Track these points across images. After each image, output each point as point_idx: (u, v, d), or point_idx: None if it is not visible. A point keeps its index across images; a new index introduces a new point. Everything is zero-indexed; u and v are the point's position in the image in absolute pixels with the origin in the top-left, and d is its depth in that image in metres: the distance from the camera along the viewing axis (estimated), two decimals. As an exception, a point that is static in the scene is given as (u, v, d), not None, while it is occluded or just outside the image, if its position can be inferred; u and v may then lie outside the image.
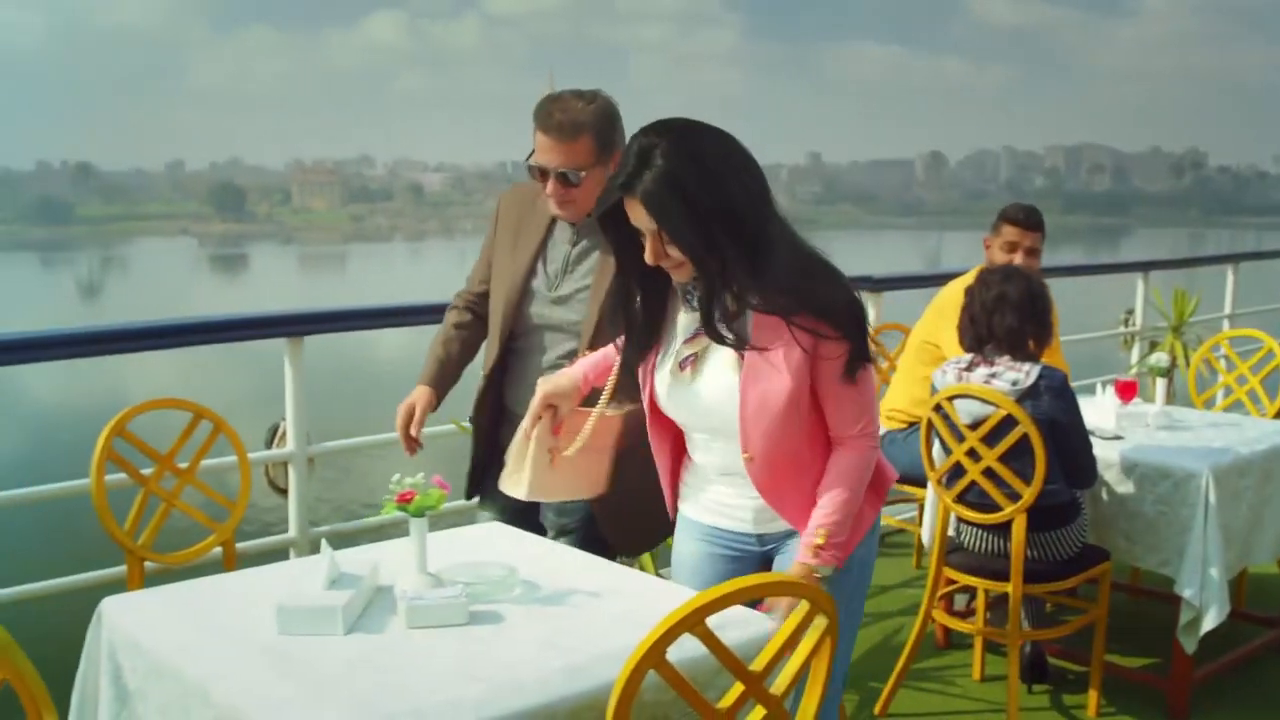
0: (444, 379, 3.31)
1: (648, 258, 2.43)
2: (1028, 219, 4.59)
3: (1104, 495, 3.99)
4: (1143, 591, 4.91)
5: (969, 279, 4.10)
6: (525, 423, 2.69)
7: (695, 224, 2.34)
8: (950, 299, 4.52)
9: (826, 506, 2.48)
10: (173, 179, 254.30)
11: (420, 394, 3.24)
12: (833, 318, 2.42)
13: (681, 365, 2.55)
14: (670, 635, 1.73)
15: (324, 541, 2.39)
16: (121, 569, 3.31)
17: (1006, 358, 3.67)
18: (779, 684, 1.88)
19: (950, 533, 3.95)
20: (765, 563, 2.68)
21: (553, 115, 3.00)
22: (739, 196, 2.37)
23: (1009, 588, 3.70)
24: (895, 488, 4.84)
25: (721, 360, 2.50)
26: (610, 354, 2.77)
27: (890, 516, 5.45)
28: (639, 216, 2.39)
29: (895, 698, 3.98)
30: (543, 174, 3.05)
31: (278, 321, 4.19)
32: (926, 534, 4.15)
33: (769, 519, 2.59)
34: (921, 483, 4.40)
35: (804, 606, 1.86)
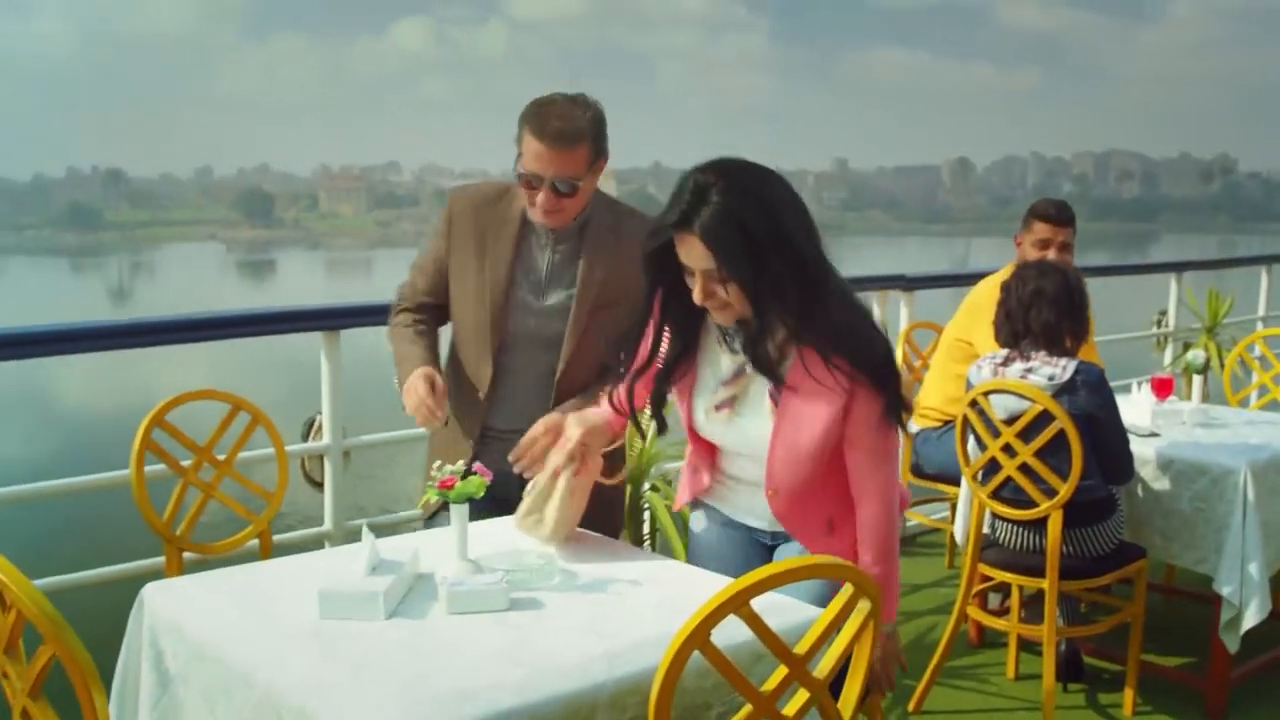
0: (435, 364, 3.09)
1: (696, 298, 2.41)
2: (1059, 214, 4.57)
3: (1140, 492, 3.97)
4: (1177, 592, 4.88)
5: (1002, 275, 4.09)
6: (557, 461, 2.61)
7: (755, 259, 2.33)
8: (983, 296, 4.50)
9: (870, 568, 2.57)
10: (201, 185, 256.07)
11: (425, 371, 2.96)
12: (873, 371, 2.45)
13: (718, 407, 2.60)
14: (715, 617, 1.73)
15: (365, 527, 2.40)
16: (159, 560, 3.33)
17: (1043, 353, 3.65)
18: (822, 668, 1.87)
19: (985, 530, 3.93)
20: (769, 551, 2.77)
21: (549, 122, 2.85)
22: (797, 234, 2.37)
23: (1044, 584, 3.67)
24: (928, 486, 4.86)
25: (758, 404, 2.56)
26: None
27: (923, 515, 5.42)
28: (693, 254, 2.37)
29: (930, 695, 3.96)
30: (532, 182, 2.91)
31: (314, 315, 4.21)
32: (960, 532, 4.13)
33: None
34: (955, 480, 4.39)
35: (848, 590, 1.85)
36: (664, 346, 2.62)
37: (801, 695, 1.85)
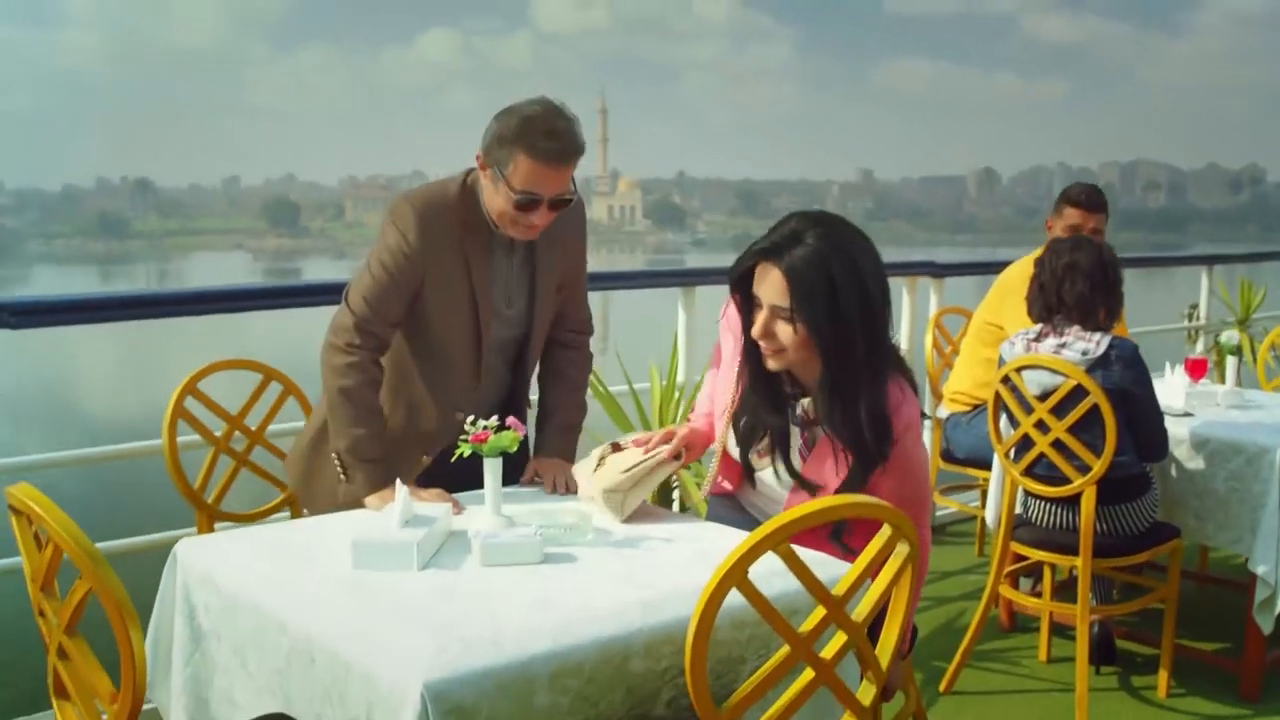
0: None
1: (754, 330, 2.46)
2: (1090, 200, 4.55)
3: (1173, 473, 3.93)
4: (1211, 579, 4.84)
5: (1034, 256, 4.06)
6: (664, 453, 2.66)
7: (832, 313, 2.37)
8: (1014, 278, 4.48)
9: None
10: (228, 195, 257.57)
11: (439, 492, 2.68)
12: (868, 457, 2.49)
13: (760, 453, 2.66)
14: (754, 553, 1.72)
15: (399, 481, 2.39)
16: (190, 530, 3.34)
17: (1076, 328, 3.62)
18: (859, 611, 1.86)
19: (1017, 510, 3.90)
20: None
21: (547, 142, 2.70)
22: (877, 299, 2.41)
23: (1077, 562, 3.64)
24: (958, 471, 4.84)
25: (794, 449, 2.61)
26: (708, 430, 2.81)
27: (954, 501, 5.39)
28: (770, 287, 2.41)
29: (961, 677, 3.93)
30: (529, 204, 2.74)
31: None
32: (991, 515, 4.09)
33: None
34: (986, 465, 4.36)
35: (886, 532, 1.84)
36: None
37: (839, 639, 1.84)
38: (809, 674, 1.83)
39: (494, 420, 2.38)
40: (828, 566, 2.19)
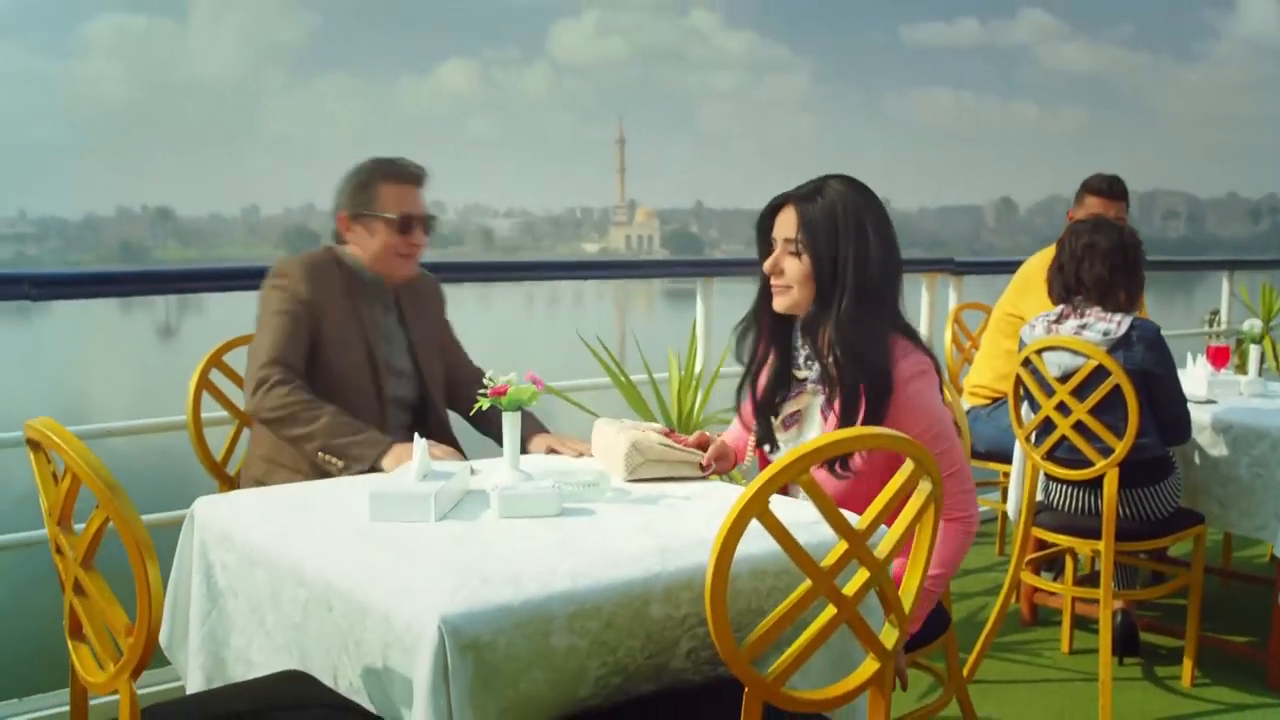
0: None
1: (766, 265, 2.64)
2: (1111, 188, 4.54)
3: (1196, 459, 3.90)
4: (1234, 574, 4.79)
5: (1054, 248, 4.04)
6: (702, 459, 2.67)
7: (830, 240, 2.54)
8: (1034, 269, 4.47)
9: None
10: (248, 223, 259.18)
11: (395, 461, 2.75)
12: (864, 379, 2.54)
13: (786, 424, 2.71)
14: (774, 481, 1.70)
15: (416, 435, 2.38)
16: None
17: (1097, 309, 3.60)
18: (882, 548, 1.83)
19: (1038, 497, 3.87)
20: None
21: (399, 166, 3.06)
22: (876, 253, 2.56)
23: (1100, 545, 3.60)
24: (979, 465, 4.80)
25: (817, 419, 2.66)
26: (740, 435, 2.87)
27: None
28: (784, 224, 2.61)
29: (983, 667, 3.89)
30: (408, 224, 3.04)
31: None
32: (1013, 508, 4.05)
33: None
34: (1007, 458, 4.33)
35: (909, 467, 1.82)
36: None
37: (861, 576, 1.81)
38: (830, 611, 1.80)
39: (514, 375, 2.38)
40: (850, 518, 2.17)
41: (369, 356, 3.00)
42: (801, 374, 2.68)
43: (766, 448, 2.77)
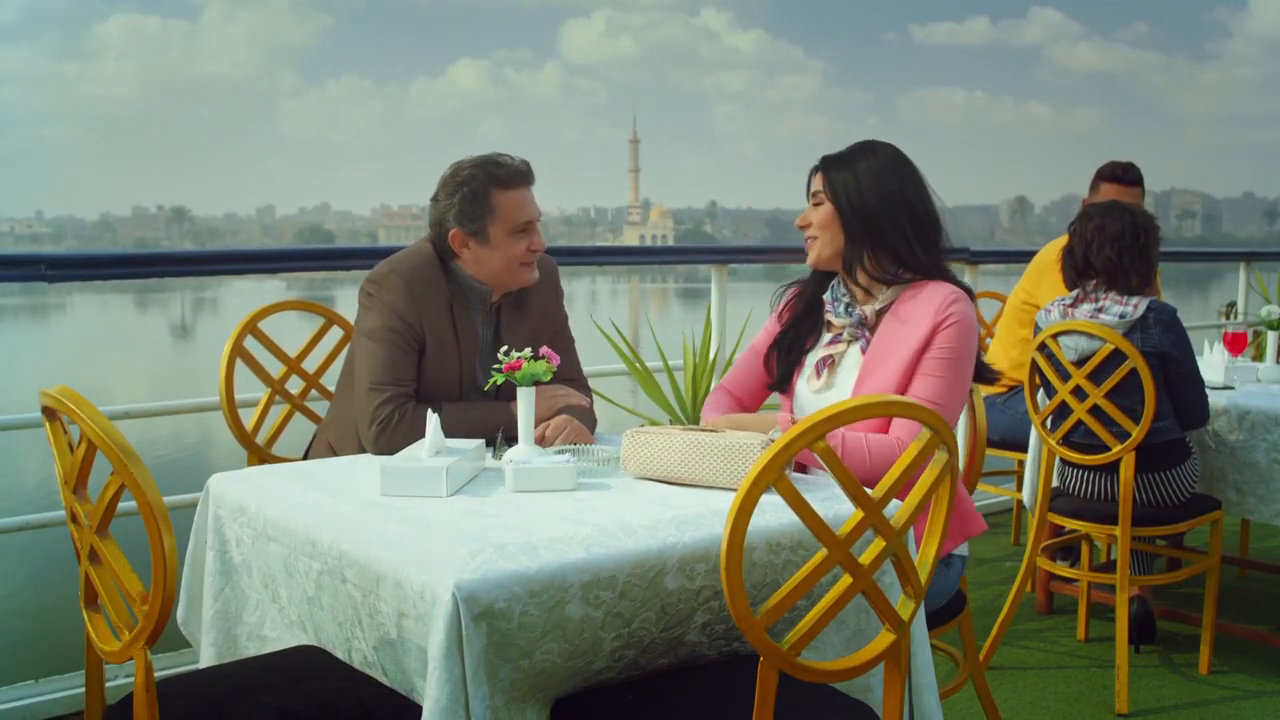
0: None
1: (798, 221, 2.78)
2: (1126, 175, 4.52)
3: (1213, 445, 3.87)
4: (1251, 564, 4.76)
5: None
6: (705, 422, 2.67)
7: (853, 191, 2.66)
8: (1049, 256, 4.45)
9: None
10: (263, 223, 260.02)
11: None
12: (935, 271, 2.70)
13: (817, 370, 2.73)
14: (791, 446, 1.69)
15: (429, 410, 2.38)
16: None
17: (1111, 292, 3.58)
18: (898, 517, 1.82)
19: (1054, 483, 3.85)
20: None
21: (512, 164, 2.79)
22: (905, 192, 2.68)
23: (1116, 530, 3.58)
24: (994, 454, 4.78)
25: (851, 366, 2.69)
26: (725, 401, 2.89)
27: (988, 486, 5.34)
28: (815, 181, 2.73)
29: (999, 654, 3.87)
30: (528, 228, 2.80)
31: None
32: (1028, 493, 4.04)
33: None
34: (1022, 446, 4.31)
35: (925, 435, 1.81)
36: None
37: (876, 545, 1.80)
38: (846, 580, 1.79)
39: (527, 350, 2.37)
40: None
41: (459, 374, 2.84)
42: (840, 320, 2.72)
43: (802, 389, 2.76)
